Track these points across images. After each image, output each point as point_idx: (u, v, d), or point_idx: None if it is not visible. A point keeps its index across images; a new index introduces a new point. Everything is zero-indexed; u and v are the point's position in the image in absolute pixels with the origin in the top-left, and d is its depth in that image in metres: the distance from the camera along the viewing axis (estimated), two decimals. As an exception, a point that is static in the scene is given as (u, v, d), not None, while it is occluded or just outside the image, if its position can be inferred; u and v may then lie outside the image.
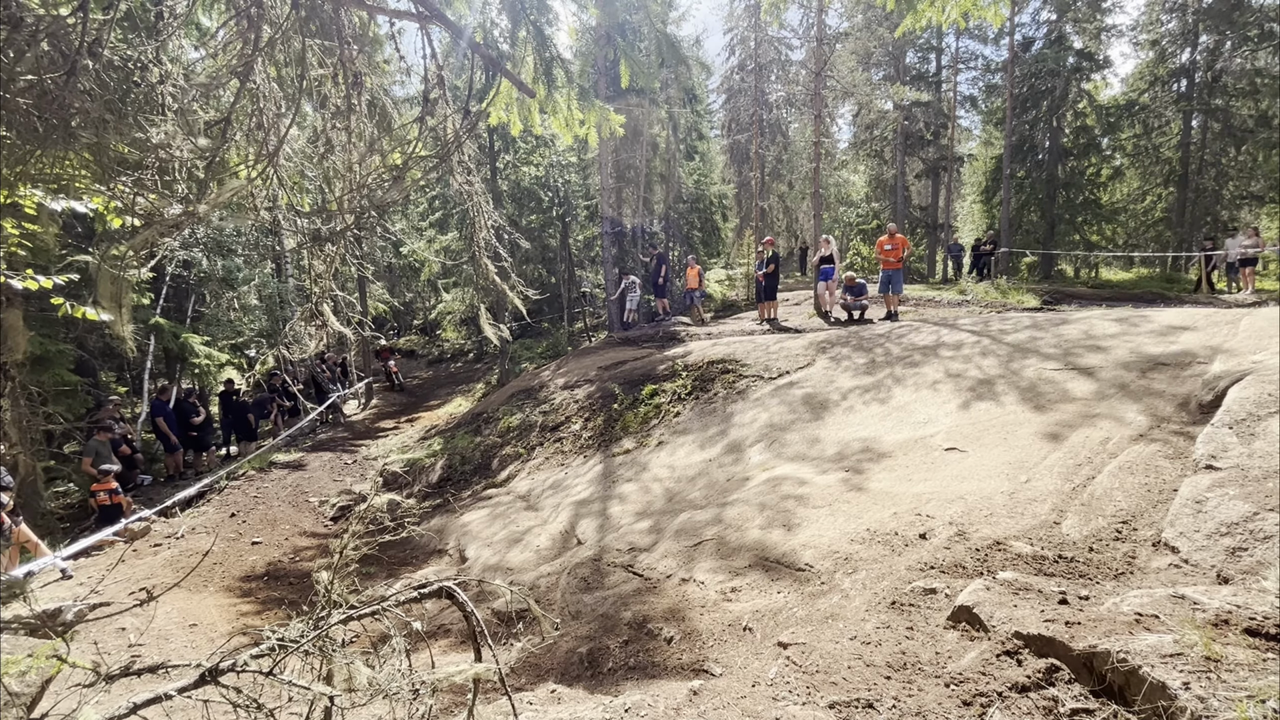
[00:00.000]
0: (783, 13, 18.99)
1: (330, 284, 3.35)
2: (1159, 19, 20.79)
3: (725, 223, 23.02)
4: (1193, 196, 20.33)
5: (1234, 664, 1.84)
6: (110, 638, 4.66)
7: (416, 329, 28.78)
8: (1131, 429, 4.15)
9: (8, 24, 2.06)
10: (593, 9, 5.71)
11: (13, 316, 6.82)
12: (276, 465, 10.64)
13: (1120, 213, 21.79)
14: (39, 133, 2.16)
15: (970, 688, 2.11)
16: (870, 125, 23.90)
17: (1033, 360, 5.79)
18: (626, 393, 8.65)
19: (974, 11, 4.50)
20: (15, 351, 6.85)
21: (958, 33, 22.06)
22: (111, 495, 7.50)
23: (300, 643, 1.78)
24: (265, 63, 2.83)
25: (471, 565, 5.79)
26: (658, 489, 5.88)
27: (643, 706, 2.35)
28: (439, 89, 3.29)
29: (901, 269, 11.21)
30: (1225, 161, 19.93)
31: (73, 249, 9.08)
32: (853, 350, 7.58)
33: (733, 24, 22.89)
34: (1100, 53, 20.37)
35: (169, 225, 2.55)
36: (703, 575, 3.84)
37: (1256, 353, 4.43)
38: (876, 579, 3.23)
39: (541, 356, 17.44)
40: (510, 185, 18.19)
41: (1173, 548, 2.93)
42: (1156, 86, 20.97)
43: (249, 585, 6.20)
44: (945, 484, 4.13)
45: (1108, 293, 14.24)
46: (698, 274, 15.39)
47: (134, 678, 1.79)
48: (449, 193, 17.56)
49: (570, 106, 4.17)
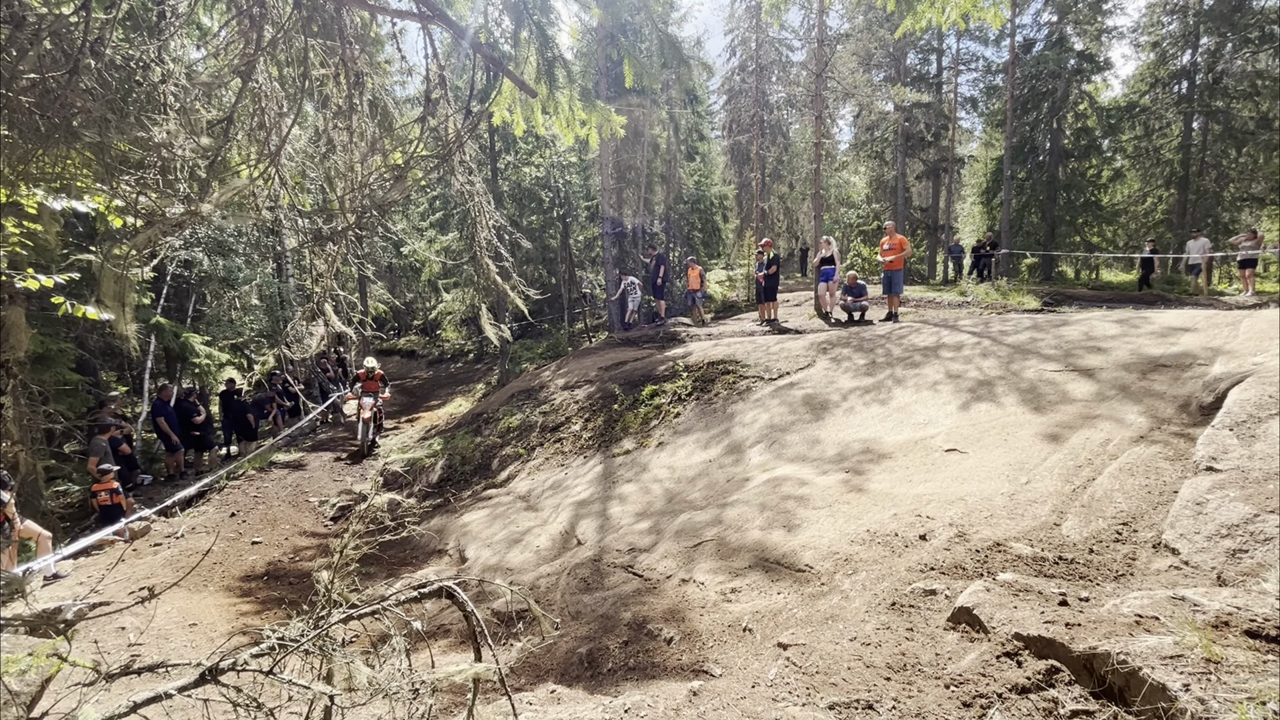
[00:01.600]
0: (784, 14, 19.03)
1: (331, 284, 3.35)
2: (1160, 21, 20.80)
3: (726, 224, 23.03)
4: (1193, 198, 20.33)
5: (1234, 666, 1.84)
6: (110, 637, 4.66)
7: (417, 329, 28.80)
8: (1132, 430, 4.15)
9: (11, 23, 2.06)
10: (595, 9, 5.71)
11: (15, 314, 6.83)
12: (277, 465, 10.64)
13: (1121, 214, 21.80)
14: (41, 131, 2.16)
15: (970, 689, 2.11)
16: (871, 126, 23.91)
17: (1033, 361, 5.79)
18: (627, 393, 8.65)
19: (974, 13, 4.50)
20: (17, 350, 6.86)
21: (958, 34, 22.07)
22: (112, 495, 7.50)
23: (300, 642, 1.78)
24: (267, 62, 2.84)
25: (471, 565, 5.79)
26: (658, 489, 5.88)
27: (642, 707, 2.35)
28: (440, 89, 3.29)
29: (902, 270, 11.21)
30: (1226, 163, 19.93)
31: (74, 248, 9.10)
32: (853, 351, 7.58)
33: (734, 25, 22.90)
34: (1101, 54, 20.39)
35: (171, 225, 2.56)
36: (703, 576, 3.84)
37: (1257, 354, 4.43)
38: (876, 580, 3.22)
39: (542, 357, 17.44)
40: (511, 185, 18.20)
41: (1173, 549, 2.92)
42: (1157, 88, 20.98)
43: (249, 585, 6.20)
44: (945, 485, 4.13)
45: (1108, 294, 14.24)
46: (699, 275, 15.39)
47: (134, 677, 1.79)
48: (450, 193, 17.56)
49: (572, 107, 4.17)
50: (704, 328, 13.21)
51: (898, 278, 11.04)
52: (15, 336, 6.83)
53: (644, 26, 13.31)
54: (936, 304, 12.67)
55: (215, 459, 11.45)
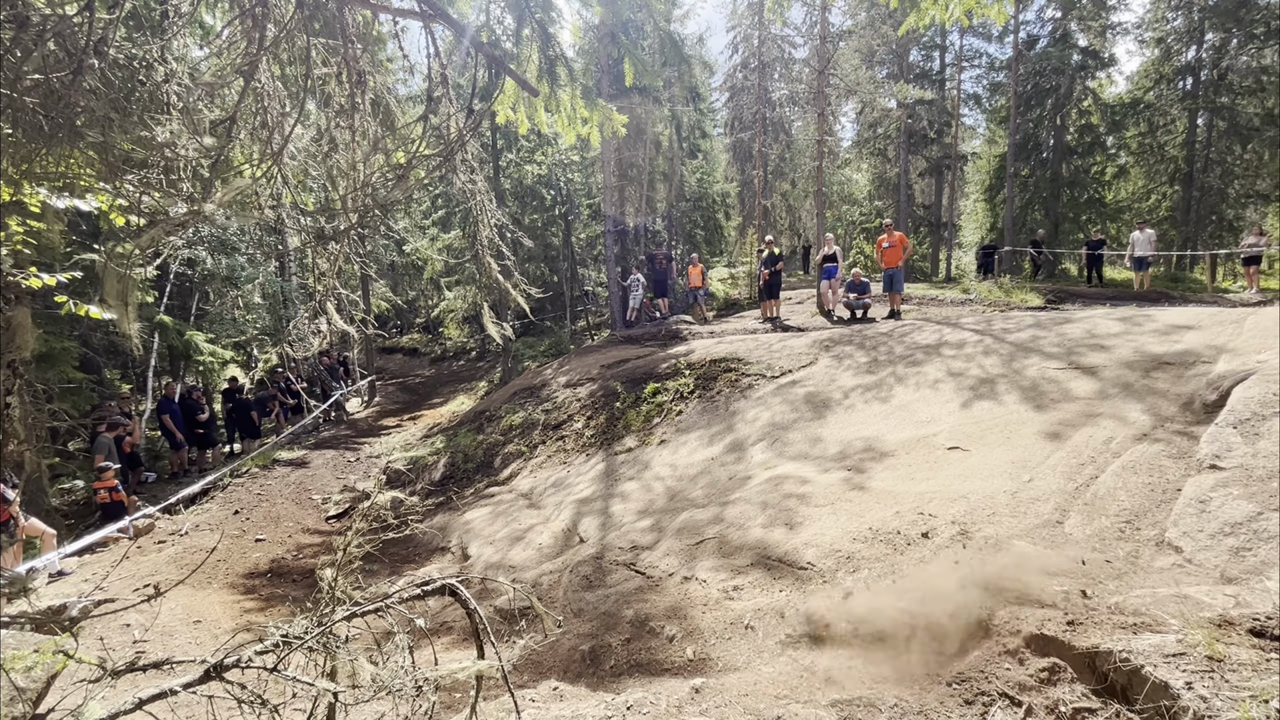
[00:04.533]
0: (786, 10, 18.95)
1: (334, 282, 3.36)
2: (1164, 16, 20.68)
3: (728, 221, 22.99)
4: (1198, 195, 20.23)
5: (1237, 664, 1.84)
6: (115, 634, 4.69)
7: (419, 327, 28.84)
8: (1135, 428, 4.14)
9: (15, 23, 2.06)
10: (596, 7, 5.70)
11: (21, 314, 6.86)
12: (280, 463, 10.68)
13: (1125, 211, 21.69)
14: (45, 131, 2.17)
15: (972, 687, 2.11)
16: (874, 123, 23.83)
17: (1035, 359, 5.78)
18: (629, 391, 8.65)
19: (978, 9, 4.47)
20: (24, 349, 6.89)
21: (962, 31, 21.98)
22: (112, 493, 7.52)
23: (304, 639, 1.79)
24: (270, 61, 2.84)
25: (474, 563, 5.81)
26: (660, 487, 5.89)
27: (645, 704, 2.36)
28: (443, 87, 3.29)
29: (902, 267, 11.19)
30: (1231, 160, 19.82)
31: (78, 247, 9.13)
32: (855, 349, 7.57)
33: (736, 22, 22.84)
34: (1105, 50, 20.27)
35: (174, 224, 2.56)
36: (705, 573, 3.85)
37: (1261, 352, 4.41)
38: (879, 578, 3.23)
39: (544, 355, 17.45)
40: (513, 184, 18.20)
41: (1176, 547, 2.92)
42: (1162, 84, 20.87)
43: (253, 582, 6.23)
44: (948, 483, 4.13)
45: (1111, 291, 14.18)
46: (701, 272, 15.37)
47: (139, 673, 1.80)
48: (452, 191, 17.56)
49: (574, 105, 4.17)
50: (706, 325, 13.21)
51: (898, 275, 11.03)
52: (21, 336, 6.86)
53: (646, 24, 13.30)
54: (939, 301, 12.64)
55: (219, 457, 11.49)
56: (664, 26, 11.40)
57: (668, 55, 9.97)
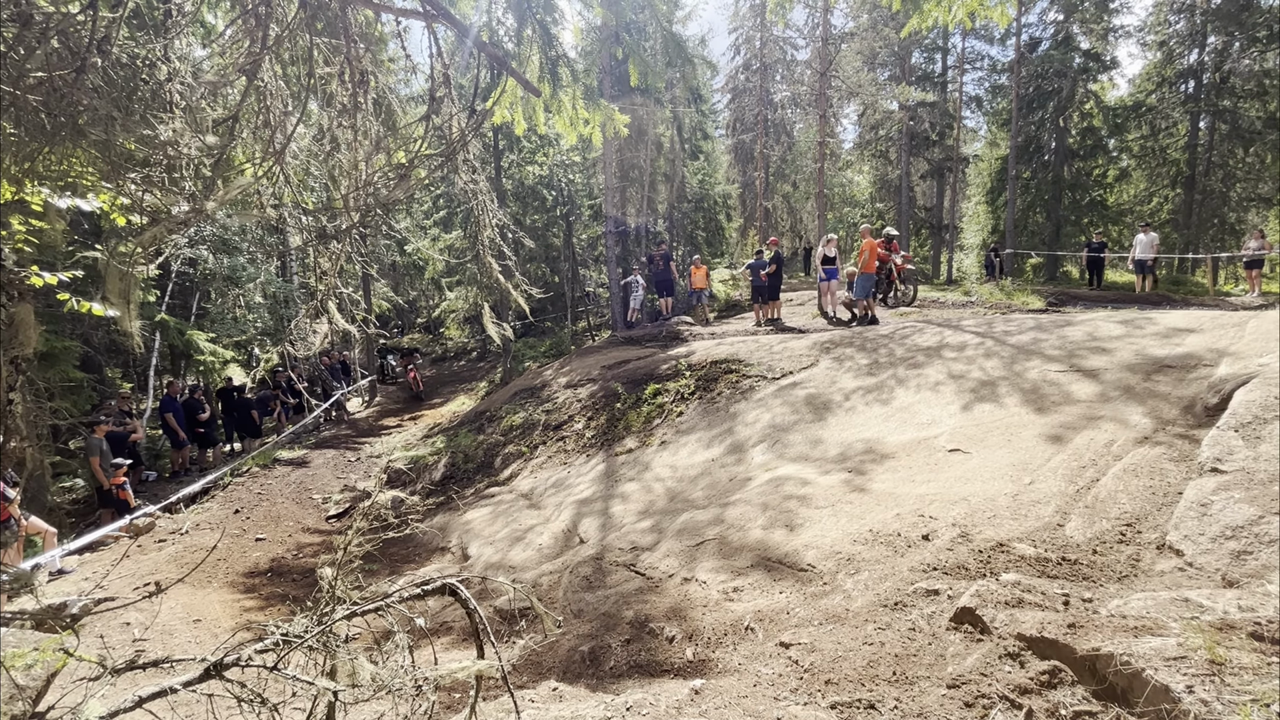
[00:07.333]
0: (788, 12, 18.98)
1: (335, 282, 3.36)
2: (1167, 20, 20.70)
3: (729, 222, 22.99)
4: (1200, 198, 20.23)
5: (1238, 668, 1.83)
6: (115, 632, 4.69)
7: (420, 327, 28.87)
8: (1136, 431, 4.13)
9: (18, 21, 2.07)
10: (598, 8, 5.71)
11: (24, 311, 6.86)
12: (280, 462, 10.69)
13: (1126, 214, 21.70)
14: (47, 130, 2.17)
15: (972, 689, 2.11)
16: (875, 125, 23.85)
17: (1036, 362, 5.77)
18: (629, 392, 8.65)
19: (980, 12, 4.47)
20: (26, 346, 6.89)
21: (964, 33, 22.01)
22: (118, 490, 7.56)
23: (304, 638, 1.79)
24: (272, 61, 2.85)
25: (474, 563, 5.81)
26: (660, 488, 5.89)
27: (644, 705, 2.35)
28: (444, 87, 3.29)
29: (872, 274, 10.76)
30: (1233, 163, 19.82)
31: (80, 245, 9.15)
32: (856, 351, 7.57)
33: (738, 23, 22.88)
34: (1107, 53, 20.30)
35: (176, 223, 2.57)
36: (705, 575, 3.84)
37: (1263, 355, 4.41)
38: (879, 580, 3.22)
39: (545, 355, 17.46)
40: (514, 184, 18.22)
41: (1177, 551, 2.91)
42: (1164, 87, 20.87)
43: (253, 581, 6.23)
44: (948, 485, 4.12)
45: (1113, 294, 14.17)
46: (704, 274, 15.35)
47: (139, 672, 1.80)
48: (453, 191, 17.59)
49: (575, 106, 4.17)
50: (707, 327, 13.20)
51: (866, 281, 10.69)
52: (24, 333, 6.86)
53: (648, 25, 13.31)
54: (940, 303, 12.63)
55: (220, 456, 11.51)
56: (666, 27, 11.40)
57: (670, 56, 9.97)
